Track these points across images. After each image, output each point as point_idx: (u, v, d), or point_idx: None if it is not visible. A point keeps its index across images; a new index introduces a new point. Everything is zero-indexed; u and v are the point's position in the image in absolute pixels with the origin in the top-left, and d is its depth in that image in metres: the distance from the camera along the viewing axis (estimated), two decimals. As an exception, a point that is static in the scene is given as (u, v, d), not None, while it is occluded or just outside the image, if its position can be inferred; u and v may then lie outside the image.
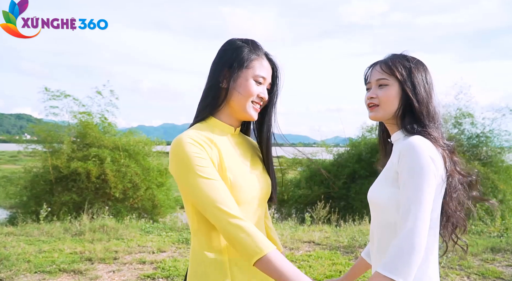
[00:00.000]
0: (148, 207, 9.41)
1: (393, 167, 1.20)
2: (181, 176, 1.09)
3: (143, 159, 9.51)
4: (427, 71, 1.30)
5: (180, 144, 1.09)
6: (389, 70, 1.26)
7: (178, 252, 4.84)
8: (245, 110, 1.19)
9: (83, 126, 9.00)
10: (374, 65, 1.32)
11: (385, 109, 1.26)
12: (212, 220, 1.07)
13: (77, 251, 4.67)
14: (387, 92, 1.25)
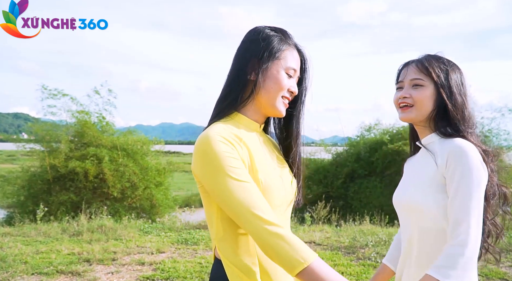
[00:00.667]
0: (146, 206, 9.38)
1: (439, 172, 1.15)
2: (209, 177, 0.97)
3: (141, 158, 9.48)
4: (462, 74, 1.26)
5: (208, 141, 0.97)
6: (426, 71, 1.22)
7: (177, 252, 4.78)
8: (274, 106, 1.08)
9: (81, 126, 8.95)
10: (409, 64, 1.27)
11: (419, 110, 1.22)
12: (245, 227, 0.95)
13: (75, 252, 4.61)
14: (422, 93, 1.21)
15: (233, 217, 0.97)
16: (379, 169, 10.79)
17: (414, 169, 1.28)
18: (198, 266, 4.21)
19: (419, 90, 1.22)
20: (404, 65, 1.29)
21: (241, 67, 1.07)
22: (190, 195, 17.35)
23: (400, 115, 1.25)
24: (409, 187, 1.24)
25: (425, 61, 1.23)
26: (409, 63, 1.27)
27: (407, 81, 1.24)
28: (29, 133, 9.89)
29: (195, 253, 4.80)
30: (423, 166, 1.22)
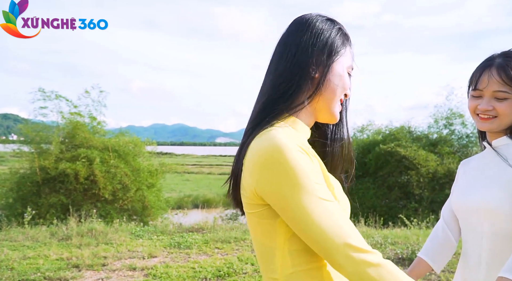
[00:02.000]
0: (138, 208, 9.29)
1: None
2: (285, 196, 0.74)
3: (133, 160, 9.39)
4: None
5: (282, 150, 0.75)
6: (511, 82, 1.14)
7: (170, 257, 4.66)
8: (330, 109, 0.89)
9: (72, 127, 8.82)
10: (490, 69, 1.17)
11: (502, 121, 1.17)
12: (339, 262, 0.73)
13: (64, 257, 4.47)
14: (508, 106, 1.15)
15: (315, 246, 0.75)
16: (372, 169, 10.77)
17: (481, 171, 1.24)
18: (191, 271, 4.11)
19: (504, 103, 1.15)
20: (483, 70, 1.19)
21: (304, 61, 0.85)
22: (183, 196, 17.22)
23: (480, 125, 1.20)
24: (480, 189, 1.19)
25: (510, 70, 1.15)
26: (489, 68, 1.18)
27: (488, 92, 1.17)
28: (18, 134, 9.73)
29: (188, 257, 4.69)
30: (494, 168, 1.18)
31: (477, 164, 1.28)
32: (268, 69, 0.91)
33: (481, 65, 1.20)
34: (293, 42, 0.88)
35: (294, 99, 0.86)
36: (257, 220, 0.81)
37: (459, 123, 10.79)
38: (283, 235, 0.79)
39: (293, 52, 0.87)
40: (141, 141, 9.95)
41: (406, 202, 10.04)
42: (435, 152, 10.56)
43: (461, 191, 1.26)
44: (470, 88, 1.22)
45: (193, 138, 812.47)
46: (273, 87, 0.86)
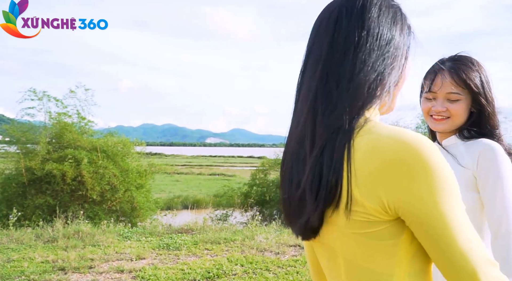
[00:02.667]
0: (127, 209, 9.19)
1: (469, 171, 1.17)
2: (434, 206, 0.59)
3: (121, 160, 9.29)
4: (487, 72, 1.25)
5: (435, 152, 0.60)
6: (464, 84, 1.19)
7: (158, 258, 4.60)
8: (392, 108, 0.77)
9: (59, 127, 8.69)
10: (442, 73, 1.22)
11: (455, 121, 1.23)
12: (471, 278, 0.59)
13: (49, 259, 4.38)
14: (460, 106, 1.21)
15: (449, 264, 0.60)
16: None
17: None
18: (180, 273, 4.06)
19: (456, 104, 1.21)
20: (435, 73, 1.23)
21: (398, 53, 0.70)
22: (172, 197, 17.11)
23: (434, 125, 1.25)
24: None
25: (461, 73, 1.20)
26: (442, 72, 1.22)
27: (442, 94, 1.22)
28: (4, 134, 9.56)
29: (177, 258, 4.64)
30: (457, 167, 1.20)
31: None
32: None
33: (433, 69, 1.25)
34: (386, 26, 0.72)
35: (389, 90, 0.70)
36: (370, 242, 0.63)
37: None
38: (405, 256, 0.64)
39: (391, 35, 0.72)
40: (130, 141, 9.86)
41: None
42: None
43: None
44: (424, 91, 1.26)
45: (183, 139, 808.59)
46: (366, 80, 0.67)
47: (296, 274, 4.07)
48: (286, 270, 4.19)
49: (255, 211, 10.98)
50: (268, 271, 4.17)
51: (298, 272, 4.12)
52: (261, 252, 4.90)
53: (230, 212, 11.14)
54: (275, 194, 10.77)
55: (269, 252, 4.90)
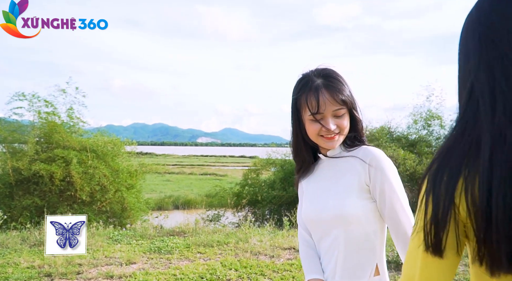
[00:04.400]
0: (117, 210, 9.05)
1: (359, 179, 1.22)
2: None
3: (112, 160, 9.13)
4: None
5: None
6: (342, 102, 1.24)
7: (149, 263, 4.46)
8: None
9: (48, 127, 8.50)
10: (321, 93, 1.24)
11: (343, 135, 1.27)
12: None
13: (35, 265, 4.21)
14: (345, 120, 1.26)
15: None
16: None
17: (326, 181, 1.31)
18: (172, 278, 3.92)
19: (343, 119, 1.25)
20: (316, 93, 1.24)
21: None
22: (163, 197, 16.91)
23: (328, 144, 1.26)
24: (330, 200, 1.26)
25: (337, 91, 1.24)
26: (320, 91, 1.24)
27: (329, 113, 1.24)
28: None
29: (169, 263, 4.50)
30: (337, 177, 1.27)
31: (319, 175, 1.36)
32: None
33: (310, 89, 1.25)
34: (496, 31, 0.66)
35: None
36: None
37: (437, 125, 10.97)
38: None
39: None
40: (120, 140, 9.70)
41: (387, 202, 10.12)
42: (414, 152, 10.69)
43: (311, 205, 1.31)
44: (308, 114, 1.25)
45: (174, 138, 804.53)
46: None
47: (292, 279, 3.96)
48: (282, 275, 4.08)
49: (247, 211, 10.88)
50: (263, 276, 4.05)
51: (294, 276, 4.01)
52: (255, 255, 4.78)
53: (222, 212, 11.03)
54: (267, 194, 10.70)
55: (264, 255, 4.78)
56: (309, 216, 1.30)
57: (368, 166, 1.21)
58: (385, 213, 1.20)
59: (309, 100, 1.23)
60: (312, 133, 1.26)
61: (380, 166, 1.20)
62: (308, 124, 1.26)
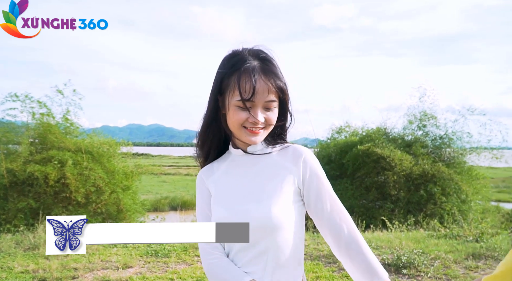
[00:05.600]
0: (113, 211, 8.98)
1: (291, 181, 1.08)
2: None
3: (107, 161, 9.06)
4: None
5: None
6: (279, 90, 1.06)
7: (146, 267, 4.39)
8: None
9: (43, 128, 8.42)
10: (256, 77, 1.03)
11: (268, 130, 1.10)
12: None
13: (29, 269, 4.12)
14: (275, 114, 1.09)
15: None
16: (349, 170, 10.80)
17: (243, 184, 1.11)
18: (170, 282, 3.86)
19: (272, 112, 1.08)
20: (249, 76, 1.03)
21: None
22: (159, 198, 16.81)
23: (250, 138, 1.07)
24: (254, 205, 1.06)
25: (275, 78, 1.05)
26: (255, 75, 1.03)
27: (260, 102, 1.04)
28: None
29: (166, 266, 4.43)
30: (261, 178, 1.10)
31: (234, 174, 1.14)
32: None
33: (246, 71, 1.04)
34: None
35: None
36: None
37: (432, 125, 10.99)
38: None
39: None
40: (116, 141, 9.63)
41: (383, 203, 10.10)
42: (410, 152, 10.69)
43: (229, 208, 1.08)
44: (236, 98, 1.03)
45: (170, 139, 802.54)
46: None
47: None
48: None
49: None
50: (262, 279, 4.00)
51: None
52: (253, 258, 4.72)
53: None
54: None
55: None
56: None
57: (302, 168, 1.09)
58: (324, 218, 1.08)
59: (243, 83, 1.02)
60: (235, 122, 1.05)
61: (314, 168, 1.10)
62: (232, 111, 1.05)
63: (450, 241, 5.62)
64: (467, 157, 10.64)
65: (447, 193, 9.87)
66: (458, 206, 9.69)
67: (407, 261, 4.38)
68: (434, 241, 5.56)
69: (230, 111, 1.05)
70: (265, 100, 1.04)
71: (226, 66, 1.07)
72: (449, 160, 10.60)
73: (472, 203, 10.04)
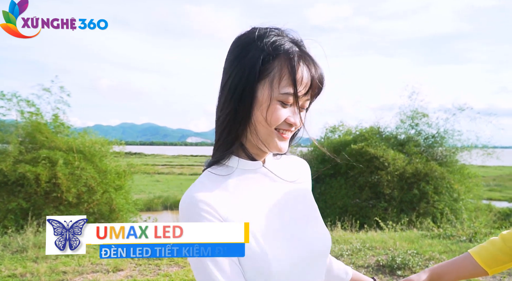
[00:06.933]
0: (105, 211, 8.88)
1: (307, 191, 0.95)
2: None
3: (99, 161, 8.94)
4: None
5: None
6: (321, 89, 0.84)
7: (138, 269, 4.31)
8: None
9: (32, 127, 8.28)
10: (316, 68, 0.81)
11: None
12: None
13: (17, 273, 4.02)
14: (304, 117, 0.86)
15: None
16: (343, 169, 10.81)
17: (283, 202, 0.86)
18: (161, 286, 3.80)
19: (304, 113, 0.86)
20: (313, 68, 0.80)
21: None
22: (152, 197, 16.71)
23: (282, 146, 0.83)
24: (316, 227, 0.88)
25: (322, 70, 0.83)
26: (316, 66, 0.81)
27: (304, 99, 0.82)
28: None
29: (158, 269, 4.36)
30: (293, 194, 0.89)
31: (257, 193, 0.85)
32: None
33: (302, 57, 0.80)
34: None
35: None
36: None
37: (425, 124, 11.05)
38: None
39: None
40: (108, 141, 9.53)
41: (376, 202, 10.12)
42: (403, 151, 10.74)
43: (285, 237, 0.81)
44: (284, 90, 0.78)
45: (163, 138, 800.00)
46: None
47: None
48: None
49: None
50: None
51: None
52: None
53: (213, 214, 10.94)
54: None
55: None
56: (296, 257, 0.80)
57: (306, 177, 0.97)
58: None
59: (300, 71, 0.78)
60: (272, 121, 0.79)
61: (309, 177, 1.00)
62: (273, 107, 0.78)
63: (443, 241, 5.61)
64: (458, 155, 10.71)
65: (439, 191, 9.93)
66: (450, 205, 9.74)
67: (402, 262, 4.36)
68: (428, 241, 5.55)
69: (269, 107, 0.78)
70: (307, 98, 0.83)
71: (267, 42, 0.79)
72: (442, 158, 10.66)
73: (464, 202, 10.10)
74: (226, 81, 0.82)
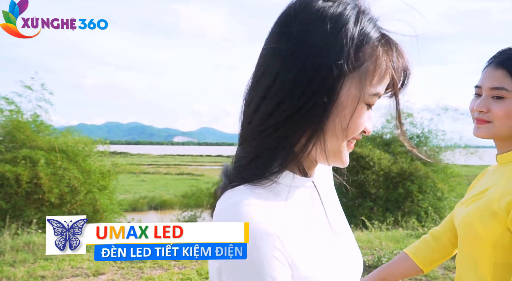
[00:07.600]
0: (88, 212, 8.73)
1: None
2: None
3: (83, 161, 8.79)
4: None
5: None
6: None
7: (120, 273, 4.21)
8: None
9: (12, 125, 8.10)
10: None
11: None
12: None
13: (-7, 278, 3.90)
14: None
15: None
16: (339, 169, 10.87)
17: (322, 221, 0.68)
18: (144, 289, 3.71)
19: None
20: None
21: None
22: (138, 198, 16.51)
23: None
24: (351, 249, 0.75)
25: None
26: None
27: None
28: None
29: (141, 272, 4.26)
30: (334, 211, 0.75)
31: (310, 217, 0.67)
32: None
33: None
34: None
35: None
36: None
37: (409, 123, 11.19)
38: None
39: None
40: (92, 140, 9.38)
41: (362, 201, 10.20)
42: (389, 151, 10.85)
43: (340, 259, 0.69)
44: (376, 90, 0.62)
45: (149, 137, 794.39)
46: None
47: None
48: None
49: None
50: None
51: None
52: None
53: (199, 213, 10.84)
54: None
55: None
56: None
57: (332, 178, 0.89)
58: None
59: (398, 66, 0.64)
60: (356, 128, 0.61)
61: None
62: (359, 110, 0.61)
63: (429, 240, 5.66)
64: (442, 155, 10.89)
65: (423, 190, 10.06)
66: (434, 204, 9.88)
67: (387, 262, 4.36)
68: (413, 241, 5.58)
69: (355, 112, 0.60)
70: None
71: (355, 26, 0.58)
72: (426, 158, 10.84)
73: (447, 201, 10.26)
74: (287, 67, 0.57)
